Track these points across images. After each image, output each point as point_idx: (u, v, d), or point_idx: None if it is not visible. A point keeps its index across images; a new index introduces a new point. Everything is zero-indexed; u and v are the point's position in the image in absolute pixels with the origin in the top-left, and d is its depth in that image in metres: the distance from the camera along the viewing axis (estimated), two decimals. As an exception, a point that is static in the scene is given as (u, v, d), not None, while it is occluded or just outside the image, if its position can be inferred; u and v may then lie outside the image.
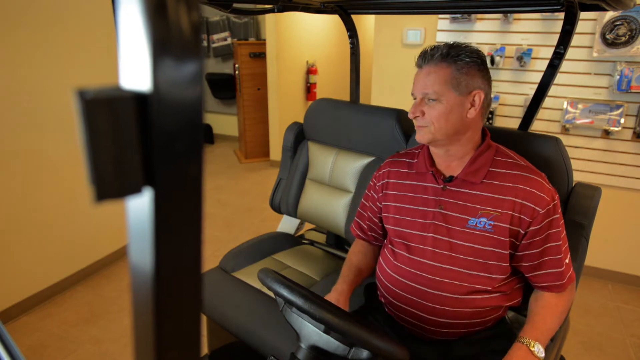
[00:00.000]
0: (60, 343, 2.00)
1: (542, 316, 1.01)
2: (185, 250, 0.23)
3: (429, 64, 1.03)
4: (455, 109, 1.00)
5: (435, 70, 1.01)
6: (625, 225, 2.44)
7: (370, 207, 1.27)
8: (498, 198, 1.01)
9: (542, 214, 0.98)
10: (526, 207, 0.99)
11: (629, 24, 2.13)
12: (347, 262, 1.26)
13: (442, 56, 1.01)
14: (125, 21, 0.20)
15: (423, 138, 1.05)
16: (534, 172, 1.02)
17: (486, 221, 1.01)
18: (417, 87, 1.05)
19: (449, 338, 1.09)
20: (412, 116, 1.05)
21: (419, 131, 1.05)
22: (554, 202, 1.00)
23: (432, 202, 1.08)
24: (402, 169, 1.18)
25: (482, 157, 1.05)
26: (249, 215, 3.45)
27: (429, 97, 1.02)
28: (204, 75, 0.22)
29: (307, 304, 0.76)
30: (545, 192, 0.99)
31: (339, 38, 5.06)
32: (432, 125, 1.02)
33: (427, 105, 1.02)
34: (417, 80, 1.05)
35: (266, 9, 1.50)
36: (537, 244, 1.01)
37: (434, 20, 2.60)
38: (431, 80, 1.01)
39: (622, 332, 2.14)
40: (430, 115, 1.02)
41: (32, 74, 2.06)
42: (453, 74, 1.00)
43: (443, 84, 1.00)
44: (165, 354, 0.24)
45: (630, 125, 2.27)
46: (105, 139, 0.20)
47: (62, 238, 2.33)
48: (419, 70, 1.06)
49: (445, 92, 1.00)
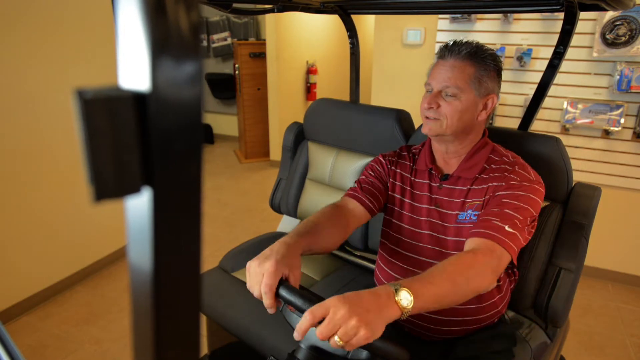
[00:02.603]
0: (60, 343, 2.00)
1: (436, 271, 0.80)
2: (185, 250, 0.23)
3: (455, 58, 1.00)
4: (470, 108, 1.00)
5: (460, 66, 0.99)
6: (625, 225, 2.44)
7: (377, 172, 1.17)
8: (482, 187, 1.01)
9: (505, 186, 0.97)
10: (499, 186, 0.98)
11: (629, 24, 2.13)
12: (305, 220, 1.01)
13: (469, 54, 0.99)
14: (125, 21, 0.20)
15: (431, 131, 1.02)
16: (521, 166, 1.01)
17: (472, 212, 1.01)
18: (437, 78, 1.01)
19: (449, 337, 1.10)
20: (427, 106, 1.01)
21: (428, 123, 1.02)
22: (528, 183, 0.96)
23: (429, 199, 1.09)
24: (406, 162, 1.17)
25: (478, 154, 1.05)
26: (249, 215, 3.45)
27: (448, 92, 0.99)
28: (203, 75, 0.22)
29: (306, 304, 0.76)
30: (520, 176, 0.97)
31: (339, 38, 5.06)
32: (445, 120, 1.00)
33: (444, 99, 1.00)
34: (438, 72, 1.01)
35: (266, 9, 1.50)
36: (490, 206, 0.96)
37: (434, 20, 2.60)
38: (455, 74, 0.98)
39: (622, 332, 2.14)
40: (445, 109, 0.99)
41: (32, 74, 2.06)
42: (477, 73, 0.99)
43: (466, 81, 0.98)
44: (165, 354, 0.24)
45: (630, 125, 2.27)
46: (104, 138, 0.20)
47: (62, 238, 2.33)
48: (440, 62, 1.02)
49: (465, 90, 0.99)
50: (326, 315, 0.67)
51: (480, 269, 0.83)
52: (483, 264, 0.84)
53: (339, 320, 0.66)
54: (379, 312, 0.69)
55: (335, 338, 0.66)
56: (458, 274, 0.80)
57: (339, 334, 0.65)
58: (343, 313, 0.66)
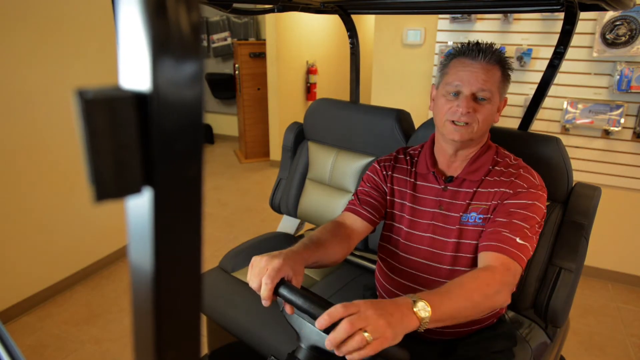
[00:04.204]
0: (60, 343, 2.00)
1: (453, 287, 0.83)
2: (185, 250, 0.23)
3: (488, 61, 0.97)
4: (494, 111, 1.01)
5: (491, 69, 0.97)
6: (625, 225, 2.44)
7: (374, 182, 1.17)
8: (485, 191, 1.02)
9: (516, 191, 0.98)
10: (506, 193, 0.99)
11: (629, 24, 2.13)
12: (309, 235, 1.03)
13: (497, 58, 0.98)
14: (125, 21, 0.20)
15: (462, 137, 0.98)
16: (522, 168, 1.02)
17: (476, 215, 1.01)
18: (470, 80, 0.97)
19: (449, 337, 1.09)
20: (465, 111, 0.96)
21: (458, 130, 0.98)
22: (535, 189, 0.98)
23: (433, 202, 1.08)
24: (404, 166, 1.16)
25: (483, 156, 1.05)
26: (249, 215, 3.45)
27: (483, 96, 0.97)
28: (204, 75, 0.22)
29: (306, 303, 0.76)
30: (526, 182, 0.98)
31: (339, 38, 5.06)
32: (477, 125, 0.98)
33: (478, 103, 0.98)
34: (469, 73, 0.97)
35: (266, 9, 1.50)
36: (499, 215, 0.97)
37: (434, 20, 2.60)
38: (489, 77, 0.96)
39: (622, 332, 2.14)
40: (479, 114, 0.97)
41: (32, 74, 2.06)
42: (502, 77, 1.00)
43: (496, 85, 0.98)
44: (165, 354, 0.24)
45: (630, 125, 2.27)
46: (104, 139, 0.20)
47: (62, 238, 2.33)
48: (468, 62, 0.98)
49: (495, 94, 0.99)
50: (356, 312, 0.69)
51: (497, 287, 0.85)
52: (501, 283, 0.86)
53: (369, 317, 0.69)
54: (401, 319, 0.72)
55: (365, 334, 0.67)
56: (476, 292, 0.82)
57: (369, 330, 0.68)
58: (372, 312, 0.69)
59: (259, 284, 0.80)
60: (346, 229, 1.08)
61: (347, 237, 1.05)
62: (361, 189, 1.17)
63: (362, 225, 1.10)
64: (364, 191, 1.16)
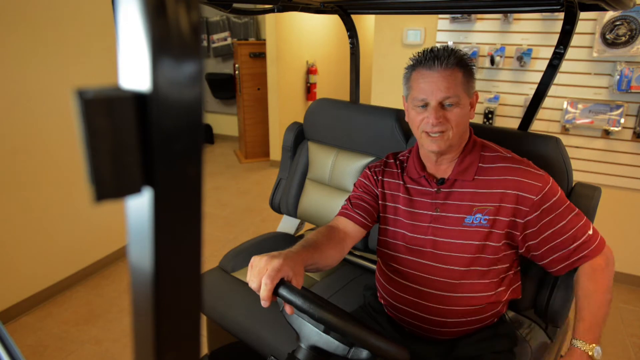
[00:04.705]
0: (60, 343, 2.00)
1: (589, 310, 0.98)
2: (185, 250, 0.23)
3: (445, 67, 0.98)
4: (467, 111, 1.01)
5: (451, 74, 0.98)
6: (625, 225, 2.44)
7: (365, 187, 1.18)
8: (490, 192, 1.02)
9: (537, 200, 0.98)
10: (521, 197, 0.99)
11: (629, 24, 2.13)
12: (305, 238, 1.03)
13: (454, 60, 0.98)
14: (125, 21, 0.20)
15: (440, 147, 1.00)
16: (518, 162, 1.03)
17: (481, 217, 1.02)
18: (432, 90, 0.98)
19: (450, 337, 1.09)
20: (435, 122, 0.97)
21: (434, 141, 1.00)
22: (548, 185, 0.99)
23: (428, 205, 1.08)
24: (394, 170, 1.17)
25: (470, 155, 1.06)
26: (249, 215, 3.45)
27: (450, 102, 0.98)
28: (203, 75, 0.22)
29: (306, 303, 0.76)
30: (535, 179, 0.99)
31: (339, 38, 5.06)
32: (451, 130, 0.99)
33: (446, 110, 0.99)
34: (431, 85, 0.98)
35: (266, 9, 1.50)
36: (549, 226, 1.00)
37: (434, 20, 2.60)
38: (451, 84, 0.97)
39: (622, 332, 2.14)
40: (450, 120, 0.99)
41: (32, 74, 2.06)
42: (465, 77, 1.00)
43: (460, 87, 0.99)
44: (165, 354, 0.24)
45: (630, 125, 2.27)
46: (104, 139, 0.20)
47: (62, 238, 2.33)
48: (426, 72, 0.99)
49: (462, 96, 0.99)
50: None
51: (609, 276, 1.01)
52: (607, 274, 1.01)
53: None
54: None
55: None
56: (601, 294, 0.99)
57: None
58: None
59: (259, 284, 0.80)
60: (340, 232, 1.09)
61: (341, 240, 1.07)
62: (353, 194, 1.19)
63: (354, 229, 1.11)
64: (356, 196, 1.18)
